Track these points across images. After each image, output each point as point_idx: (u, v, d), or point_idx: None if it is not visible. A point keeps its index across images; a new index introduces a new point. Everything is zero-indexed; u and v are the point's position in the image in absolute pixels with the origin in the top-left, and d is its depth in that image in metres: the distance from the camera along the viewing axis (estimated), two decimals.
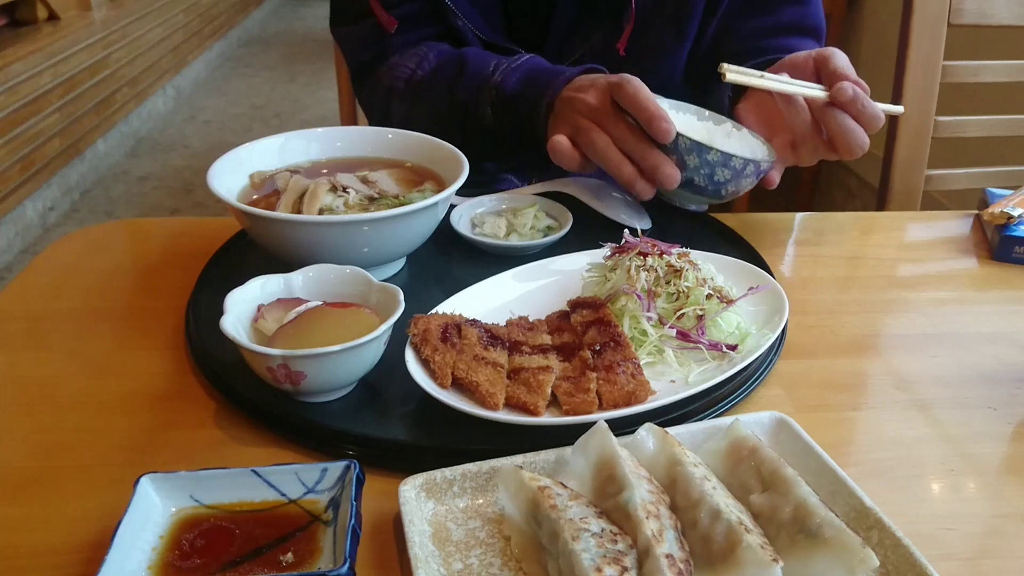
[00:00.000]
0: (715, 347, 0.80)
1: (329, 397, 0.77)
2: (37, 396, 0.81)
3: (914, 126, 1.52)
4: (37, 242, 3.25)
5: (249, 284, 0.80)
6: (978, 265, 1.10)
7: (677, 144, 0.94)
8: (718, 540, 0.56)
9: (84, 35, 3.69)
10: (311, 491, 0.64)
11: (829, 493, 0.64)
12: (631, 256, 0.86)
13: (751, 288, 0.86)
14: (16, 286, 1.01)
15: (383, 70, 1.21)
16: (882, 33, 2.80)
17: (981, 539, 0.66)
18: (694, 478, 0.61)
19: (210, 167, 0.94)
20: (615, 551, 0.55)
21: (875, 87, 1.05)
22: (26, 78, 3.18)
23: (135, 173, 3.96)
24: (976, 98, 1.88)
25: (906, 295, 1.02)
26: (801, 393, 0.82)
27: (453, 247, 1.03)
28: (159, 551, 0.59)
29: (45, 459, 0.72)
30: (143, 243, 1.14)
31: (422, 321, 0.79)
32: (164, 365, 0.84)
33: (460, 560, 0.61)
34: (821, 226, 1.22)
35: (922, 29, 1.46)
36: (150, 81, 4.46)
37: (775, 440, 0.70)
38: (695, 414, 0.76)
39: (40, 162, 3.29)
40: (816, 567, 0.56)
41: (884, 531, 0.60)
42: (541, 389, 0.73)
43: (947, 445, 0.76)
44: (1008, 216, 1.10)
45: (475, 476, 0.65)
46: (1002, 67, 1.54)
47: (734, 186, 0.98)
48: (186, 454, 0.73)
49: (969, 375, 0.86)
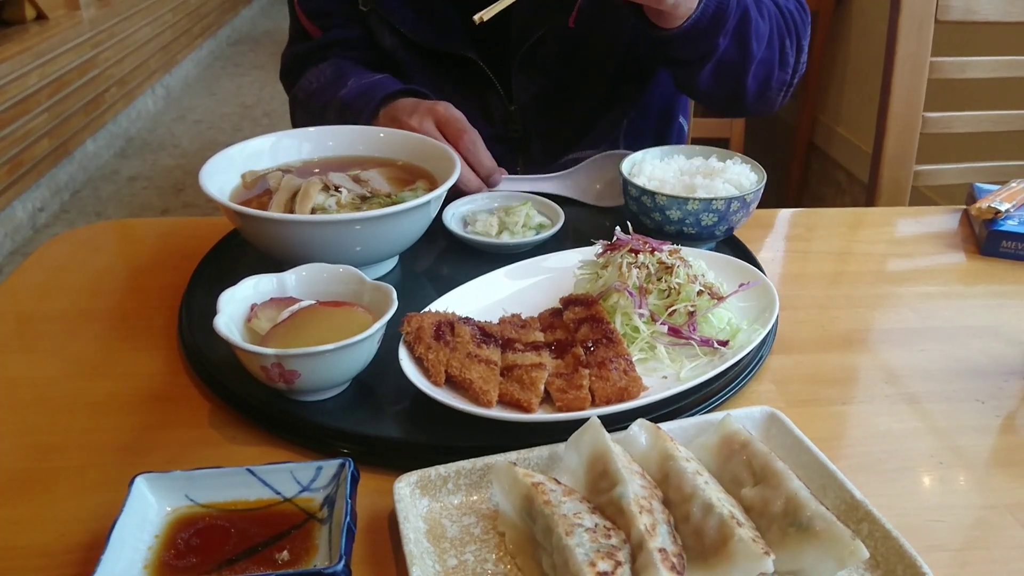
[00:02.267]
0: (706, 343, 0.81)
1: (323, 396, 0.77)
2: (29, 397, 0.80)
3: (902, 122, 1.53)
4: (27, 243, 3.23)
5: (242, 283, 0.80)
6: (966, 260, 1.11)
7: (656, 201, 0.98)
8: (710, 534, 0.57)
9: (72, 35, 3.67)
10: (306, 489, 0.64)
11: (819, 486, 0.65)
12: (623, 253, 0.86)
13: (742, 284, 0.87)
14: (6, 287, 1.01)
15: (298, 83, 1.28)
16: (870, 30, 2.82)
17: (969, 530, 0.67)
18: (686, 473, 0.61)
19: (201, 167, 0.93)
20: (608, 546, 0.56)
21: (863, 83, 1.06)
22: (14, 78, 3.16)
23: (125, 173, 3.94)
24: (963, 94, 1.89)
25: (895, 290, 1.03)
26: (791, 388, 0.83)
27: (445, 245, 1.03)
28: (155, 550, 0.59)
29: (38, 460, 0.72)
30: (134, 244, 1.14)
31: (415, 319, 0.79)
32: (157, 365, 0.84)
33: (455, 556, 0.61)
34: (811, 222, 1.22)
35: (910, 26, 1.47)
36: (139, 81, 4.44)
37: (766, 434, 0.70)
38: (687, 409, 0.76)
39: (29, 163, 3.27)
40: (807, 559, 0.57)
41: (874, 523, 0.61)
42: (534, 386, 0.74)
43: (936, 438, 0.77)
44: (995, 211, 1.11)
45: (469, 473, 0.66)
46: (989, 63, 1.55)
47: (725, 225, 1.00)
48: (180, 454, 0.73)
49: (957, 369, 0.87)
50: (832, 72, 3.04)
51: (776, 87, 1.16)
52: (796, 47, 1.16)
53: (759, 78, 1.12)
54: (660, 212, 0.99)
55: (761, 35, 1.08)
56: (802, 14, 1.19)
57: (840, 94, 3.01)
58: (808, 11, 1.20)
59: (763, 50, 1.09)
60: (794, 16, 1.16)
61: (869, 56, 2.80)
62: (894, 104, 1.51)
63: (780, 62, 1.14)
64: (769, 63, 1.12)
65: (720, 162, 1.06)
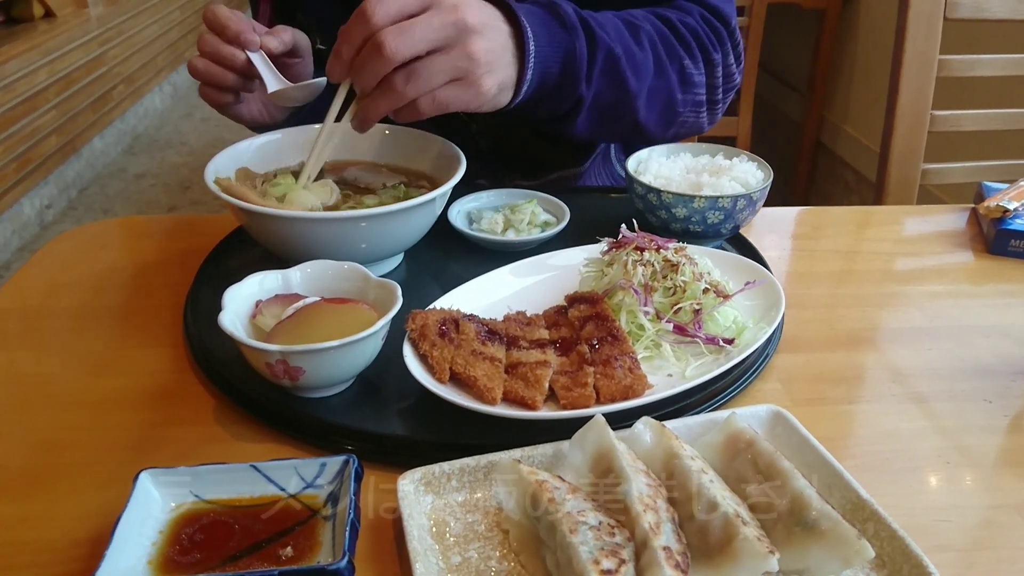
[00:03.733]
0: (712, 341, 0.81)
1: (327, 392, 0.77)
2: (35, 394, 0.81)
3: (910, 120, 1.52)
4: (34, 240, 3.24)
5: (247, 280, 0.80)
6: (974, 259, 1.10)
7: (661, 198, 0.97)
8: (715, 532, 0.57)
9: (80, 32, 3.68)
10: (310, 486, 0.64)
11: (825, 486, 0.64)
12: (628, 251, 0.86)
13: (748, 283, 0.87)
14: (13, 284, 1.01)
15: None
16: (877, 27, 2.80)
17: (976, 530, 0.67)
18: (691, 471, 0.61)
19: (207, 164, 0.94)
20: (613, 544, 0.55)
21: (871, 81, 1.06)
22: (22, 76, 3.17)
23: (132, 170, 3.95)
24: (972, 92, 1.88)
25: (902, 289, 1.02)
26: (797, 387, 0.83)
27: (451, 243, 1.03)
28: (159, 546, 0.59)
29: (44, 457, 0.73)
30: (140, 240, 1.14)
31: (420, 316, 0.79)
32: (162, 362, 0.85)
33: (459, 554, 0.61)
34: (818, 220, 1.22)
35: (918, 23, 1.46)
36: (146, 78, 4.45)
37: (772, 433, 0.70)
38: (692, 407, 0.76)
39: (37, 160, 3.28)
40: (812, 559, 0.57)
41: (880, 523, 0.60)
42: (539, 383, 0.74)
43: (943, 438, 0.76)
44: (1004, 210, 1.10)
45: (473, 470, 0.66)
46: (998, 61, 1.54)
47: (731, 223, 0.99)
48: (185, 450, 0.73)
49: (965, 368, 0.86)
50: (839, 70, 3.02)
51: (687, 109, 1.09)
52: (705, 62, 1.08)
53: (656, 109, 1.05)
54: (666, 210, 0.98)
55: (641, 66, 1.00)
56: (714, 27, 1.10)
57: (847, 92, 3.00)
58: (728, 19, 1.11)
59: (650, 80, 1.02)
60: (697, 33, 1.07)
61: (877, 54, 2.79)
62: (902, 102, 1.50)
63: (682, 85, 1.06)
64: (664, 90, 1.04)
65: (726, 160, 1.06)
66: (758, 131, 2.63)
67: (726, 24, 1.11)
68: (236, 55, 0.97)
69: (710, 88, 1.11)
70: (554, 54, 0.92)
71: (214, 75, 0.98)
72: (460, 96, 0.85)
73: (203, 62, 0.98)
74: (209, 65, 0.98)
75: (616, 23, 1.00)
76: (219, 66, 0.98)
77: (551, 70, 0.93)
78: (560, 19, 0.93)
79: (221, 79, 0.98)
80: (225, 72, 0.98)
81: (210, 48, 0.97)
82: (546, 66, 0.92)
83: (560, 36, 0.93)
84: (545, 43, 0.91)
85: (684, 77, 1.06)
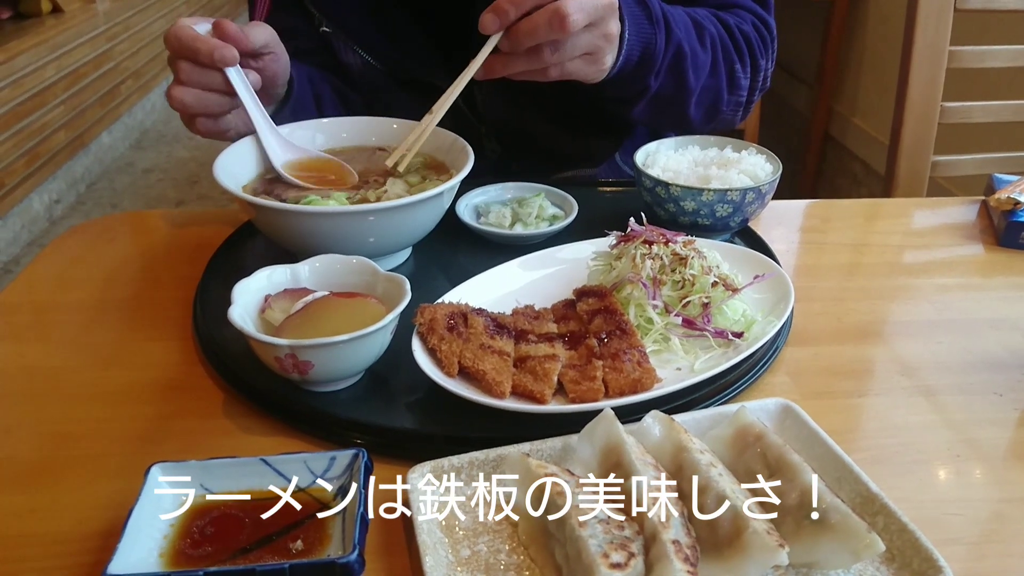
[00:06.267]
0: (721, 335, 0.80)
1: (337, 386, 0.77)
2: (46, 387, 0.81)
3: (920, 112, 1.51)
4: (43, 235, 3.26)
5: (256, 274, 0.80)
6: (984, 251, 1.09)
7: (670, 191, 0.98)
8: (724, 526, 0.57)
9: (88, 27, 3.69)
10: (320, 479, 0.64)
11: (835, 479, 0.64)
12: (636, 244, 0.86)
13: (756, 276, 0.86)
14: (23, 278, 1.02)
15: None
16: (887, 19, 2.78)
17: (986, 524, 0.66)
18: (700, 464, 0.61)
19: (215, 159, 0.94)
20: (622, 537, 0.55)
21: (880, 73, 1.05)
22: (31, 71, 3.18)
23: (140, 165, 3.96)
24: (982, 83, 1.87)
25: (912, 282, 1.02)
26: (807, 380, 0.83)
27: (459, 237, 1.03)
28: (170, 539, 0.60)
29: (54, 449, 0.73)
30: (149, 235, 1.14)
31: (428, 310, 0.79)
32: (172, 356, 0.85)
33: (468, 547, 0.61)
34: (826, 213, 1.21)
35: (928, 14, 1.45)
36: (154, 73, 4.45)
37: (781, 427, 0.70)
38: (701, 401, 0.76)
39: (45, 155, 3.29)
40: (822, 552, 0.57)
41: (890, 516, 0.60)
42: (547, 377, 0.74)
43: (952, 431, 0.76)
44: (1015, 202, 1.10)
45: (482, 464, 0.66)
46: (1009, 52, 1.53)
47: (740, 216, 0.99)
48: (195, 443, 0.73)
49: (974, 361, 0.86)
50: (848, 62, 3.01)
51: (728, 109, 1.15)
52: (752, 67, 1.14)
53: (704, 105, 1.11)
54: (674, 203, 0.98)
55: (701, 66, 1.06)
56: (762, 35, 1.16)
57: (856, 84, 2.98)
58: (772, 31, 1.18)
59: (705, 79, 1.07)
60: (750, 39, 1.13)
61: (886, 45, 2.77)
62: (912, 94, 1.49)
63: (729, 86, 1.12)
64: (714, 90, 1.10)
65: (735, 153, 1.06)
66: (766, 123, 2.62)
67: (771, 33, 1.18)
68: (219, 79, 0.90)
69: (751, 90, 1.16)
70: (638, 44, 0.97)
71: (208, 105, 0.91)
72: (584, 69, 0.92)
73: (192, 93, 0.90)
74: (200, 95, 0.91)
75: (687, 21, 1.05)
76: (214, 93, 0.91)
77: (632, 59, 0.97)
78: (648, 12, 0.98)
79: (217, 107, 0.92)
80: (221, 98, 0.92)
81: (195, 77, 0.89)
82: (630, 54, 0.97)
83: (646, 28, 0.98)
84: (634, 33, 0.97)
85: (732, 80, 1.12)
